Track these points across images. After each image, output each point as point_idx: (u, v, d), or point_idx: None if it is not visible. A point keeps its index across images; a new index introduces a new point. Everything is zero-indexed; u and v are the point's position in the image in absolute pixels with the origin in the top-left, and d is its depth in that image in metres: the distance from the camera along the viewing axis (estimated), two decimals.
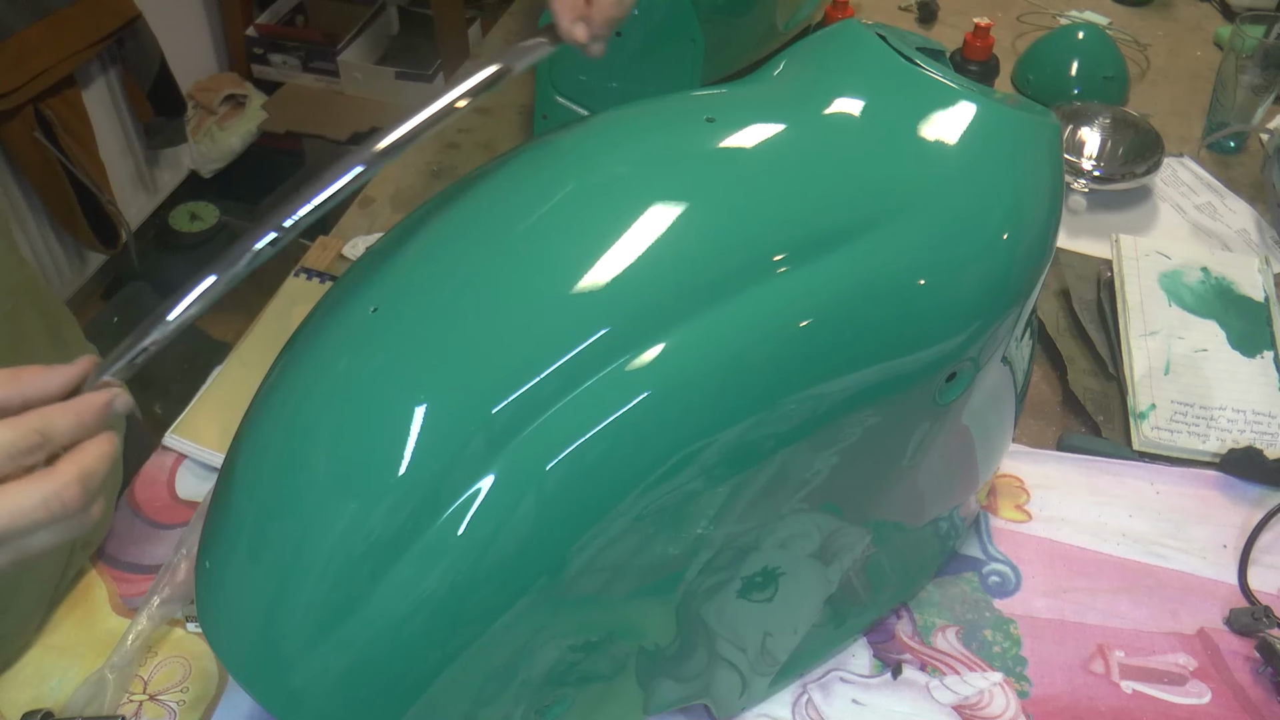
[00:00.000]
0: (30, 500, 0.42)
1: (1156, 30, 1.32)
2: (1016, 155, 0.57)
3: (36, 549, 0.44)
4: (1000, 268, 0.56)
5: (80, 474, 0.43)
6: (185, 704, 0.66)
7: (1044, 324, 0.91)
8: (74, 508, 0.43)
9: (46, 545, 0.44)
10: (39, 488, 0.42)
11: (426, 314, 0.49)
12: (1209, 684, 0.68)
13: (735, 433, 0.49)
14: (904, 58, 0.58)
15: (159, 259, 2.19)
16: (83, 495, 0.43)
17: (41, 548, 0.44)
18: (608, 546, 0.49)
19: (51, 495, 0.42)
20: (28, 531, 0.42)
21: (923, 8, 1.32)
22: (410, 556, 0.46)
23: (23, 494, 0.42)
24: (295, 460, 0.48)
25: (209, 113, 2.32)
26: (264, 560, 0.48)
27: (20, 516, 0.42)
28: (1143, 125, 1.06)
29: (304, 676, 0.48)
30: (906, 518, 0.64)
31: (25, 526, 0.42)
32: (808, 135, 0.55)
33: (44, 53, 1.74)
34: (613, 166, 0.52)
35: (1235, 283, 0.92)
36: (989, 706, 0.67)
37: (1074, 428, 0.84)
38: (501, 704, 0.53)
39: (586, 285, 0.48)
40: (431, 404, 0.47)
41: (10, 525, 0.42)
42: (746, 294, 0.49)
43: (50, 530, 0.43)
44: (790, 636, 0.64)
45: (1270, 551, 0.75)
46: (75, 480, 0.43)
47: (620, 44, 1.04)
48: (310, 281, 0.94)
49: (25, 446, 0.42)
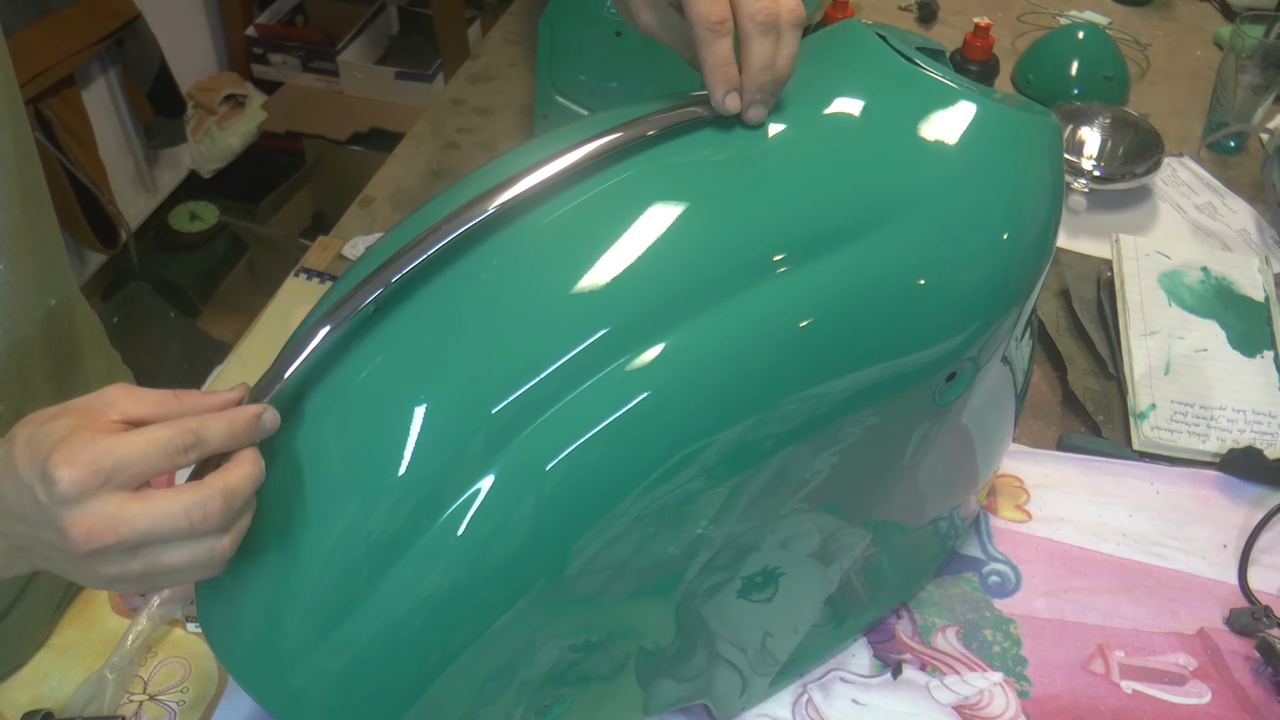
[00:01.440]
0: (173, 506, 0.42)
1: (1156, 30, 1.32)
2: (1016, 155, 0.57)
3: (167, 568, 0.44)
4: (1000, 268, 0.56)
5: (225, 489, 0.44)
6: (185, 704, 0.66)
7: (1044, 324, 0.91)
8: (214, 522, 0.43)
9: (178, 565, 0.44)
10: (183, 495, 0.43)
11: (426, 313, 0.49)
12: (1209, 684, 0.68)
13: (735, 433, 0.49)
14: (904, 58, 0.58)
15: (159, 259, 2.19)
16: (224, 511, 0.43)
17: (174, 566, 0.44)
18: (608, 546, 0.49)
19: (194, 504, 0.43)
20: (165, 538, 0.43)
21: (923, 8, 1.32)
22: (410, 556, 0.46)
23: (167, 499, 0.43)
24: (294, 460, 0.48)
25: (209, 113, 2.32)
26: (264, 561, 0.48)
27: (162, 519, 0.42)
28: (1143, 125, 1.06)
29: (304, 677, 0.48)
30: (906, 518, 0.64)
31: (164, 532, 0.42)
32: (807, 135, 0.55)
33: (44, 53, 1.74)
34: (612, 167, 0.52)
35: (1235, 283, 0.92)
36: (989, 706, 0.67)
37: (1074, 428, 0.84)
38: (501, 704, 0.53)
39: (586, 285, 0.48)
40: (431, 404, 0.47)
41: (151, 528, 0.42)
42: (746, 294, 0.49)
43: (186, 547, 0.43)
44: (790, 636, 0.64)
45: (1270, 551, 0.75)
46: (219, 494, 0.43)
47: (620, 44, 1.04)
48: (310, 281, 0.94)
49: (180, 445, 0.43)
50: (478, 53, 1.28)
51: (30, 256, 0.66)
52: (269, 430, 0.47)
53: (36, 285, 0.67)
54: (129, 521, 0.42)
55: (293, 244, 2.21)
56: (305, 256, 0.98)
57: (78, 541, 0.42)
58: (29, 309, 0.66)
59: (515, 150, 0.57)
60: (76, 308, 0.75)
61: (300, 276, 0.95)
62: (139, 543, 0.43)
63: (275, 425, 0.47)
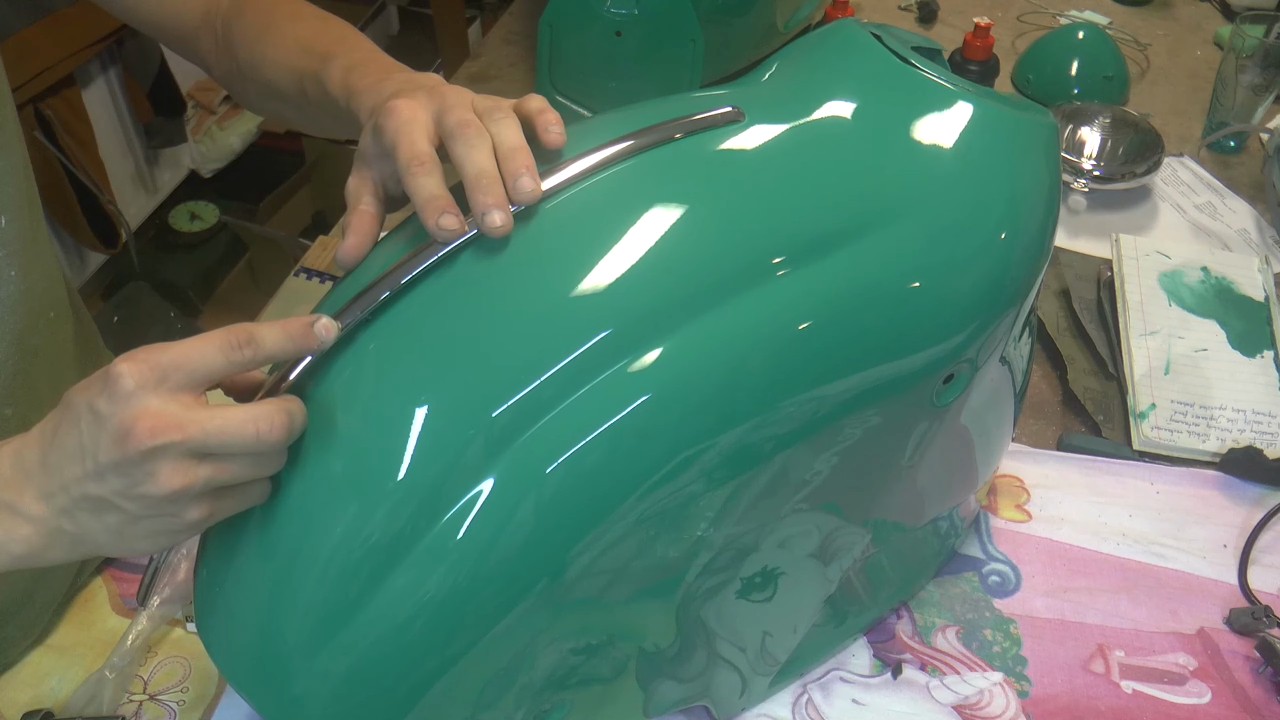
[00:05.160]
0: (239, 413, 0.44)
1: (1156, 30, 1.32)
2: (1013, 155, 0.57)
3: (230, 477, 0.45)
4: (998, 268, 0.56)
5: (285, 407, 0.46)
6: (185, 704, 0.66)
7: (1044, 324, 0.91)
8: (277, 435, 0.45)
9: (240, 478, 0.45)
10: (249, 408, 0.45)
11: (426, 316, 0.49)
12: (1209, 684, 0.68)
13: (735, 435, 0.49)
14: (899, 58, 0.57)
15: (159, 259, 2.19)
16: (286, 425, 0.45)
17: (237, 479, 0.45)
18: (608, 549, 0.49)
19: (261, 414, 0.44)
20: (231, 445, 0.44)
21: (923, 7, 1.32)
22: (410, 560, 0.46)
23: (233, 409, 0.44)
24: (293, 464, 0.48)
25: (209, 112, 2.32)
26: (262, 566, 0.48)
27: (230, 423, 0.44)
28: (1143, 125, 1.06)
29: (304, 682, 0.48)
30: (906, 518, 0.64)
31: (230, 437, 0.44)
32: (804, 138, 0.55)
33: (44, 53, 1.74)
34: (611, 171, 0.52)
35: (1235, 282, 0.92)
36: (989, 706, 0.67)
37: (1074, 428, 0.84)
38: (502, 708, 0.53)
39: (586, 289, 0.48)
40: (431, 407, 0.47)
41: (219, 429, 0.44)
42: (745, 297, 0.49)
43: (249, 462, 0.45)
44: (790, 636, 0.64)
45: (1270, 551, 0.75)
46: (280, 410, 0.45)
47: (620, 44, 1.04)
48: (310, 281, 0.94)
49: (235, 341, 0.45)
50: (478, 53, 1.29)
51: (36, 265, 0.66)
52: (325, 340, 0.47)
53: (41, 293, 0.67)
54: (196, 422, 0.43)
55: (293, 244, 2.21)
56: (305, 256, 0.98)
57: (141, 435, 0.42)
58: (35, 316, 0.66)
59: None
60: (76, 314, 0.75)
61: (300, 276, 0.95)
62: (203, 445, 0.43)
63: (331, 335, 0.48)
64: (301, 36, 0.67)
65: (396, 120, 0.52)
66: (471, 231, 0.49)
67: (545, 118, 0.53)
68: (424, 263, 0.49)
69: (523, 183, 0.49)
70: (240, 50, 0.70)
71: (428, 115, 0.53)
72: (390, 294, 0.49)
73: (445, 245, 0.49)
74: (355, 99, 0.59)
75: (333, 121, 0.64)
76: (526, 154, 0.51)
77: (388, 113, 0.52)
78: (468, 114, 0.52)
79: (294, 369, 0.48)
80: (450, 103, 0.53)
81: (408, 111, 0.52)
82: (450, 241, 0.49)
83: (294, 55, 0.66)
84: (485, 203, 0.49)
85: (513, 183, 0.49)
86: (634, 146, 0.52)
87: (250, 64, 0.69)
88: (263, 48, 0.68)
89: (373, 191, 0.55)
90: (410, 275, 0.49)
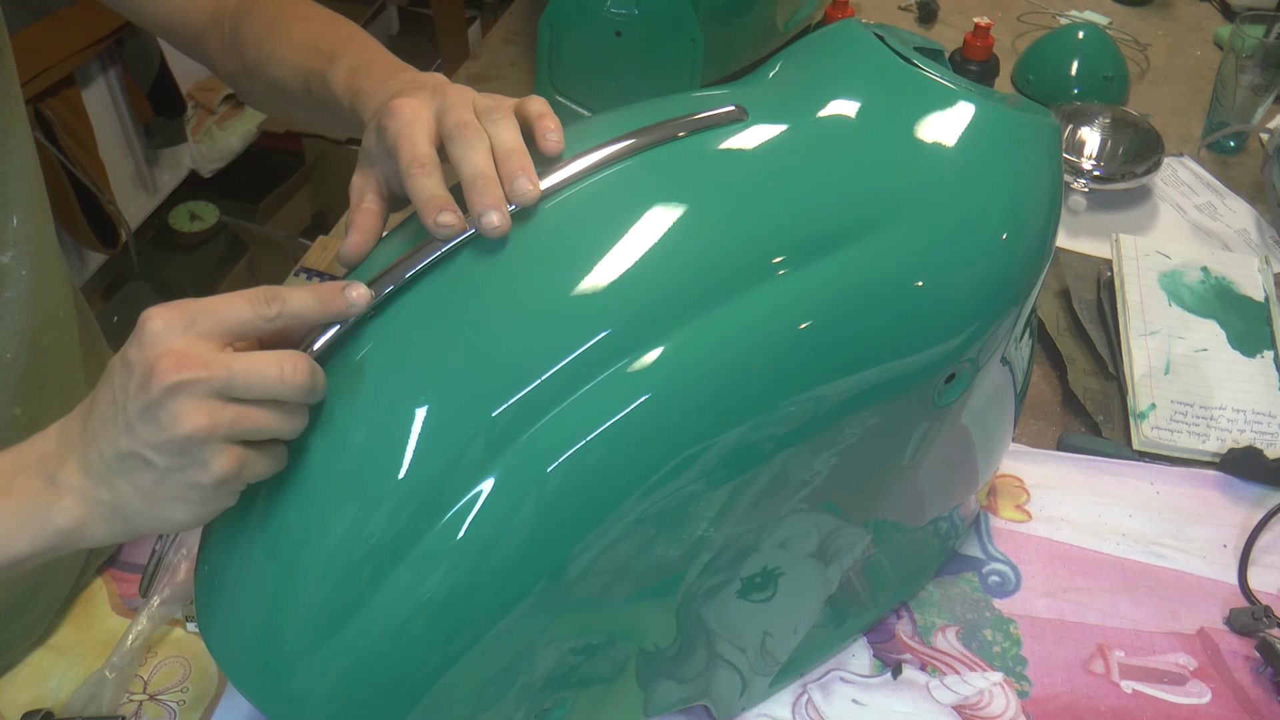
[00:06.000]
0: (265, 357, 0.45)
1: (1156, 30, 1.32)
2: (1015, 155, 0.57)
3: (255, 424, 0.45)
4: (999, 268, 0.56)
5: (307, 356, 0.46)
6: (185, 704, 0.67)
7: (1044, 324, 0.91)
8: (301, 378, 0.45)
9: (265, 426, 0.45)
10: (273, 354, 0.45)
11: (426, 315, 0.49)
12: (1209, 684, 0.68)
13: (735, 435, 0.49)
14: (902, 58, 0.58)
15: (159, 259, 2.19)
16: (311, 372, 0.46)
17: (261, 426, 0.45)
18: (608, 549, 0.49)
19: (285, 357, 0.45)
20: (257, 388, 0.44)
21: (923, 7, 1.32)
22: (410, 560, 0.46)
23: (258, 354, 0.45)
24: (294, 463, 0.48)
25: (209, 113, 2.32)
26: (263, 564, 0.48)
27: (254, 364, 0.44)
28: (1143, 125, 1.06)
29: (304, 681, 0.48)
30: (906, 518, 0.64)
31: (255, 379, 0.44)
32: (805, 137, 0.55)
33: (44, 53, 1.74)
34: (612, 170, 0.52)
35: (1235, 283, 0.92)
36: (989, 706, 0.67)
37: (1074, 428, 0.84)
38: (502, 707, 0.53)
39: (586, 288, 0.48)
40: (431, 407, 0.47)
41: (244, 369, 0.44)
42: (746, 296, 0.49)
43: (274, 410, 0.45)
44: (790, 636, 0.64)
45: (1270, 551, 0.75)
46: (304, 356, 0.46)
47: (620, 44, 1.04)
48: (310, 281, 0.94)
49: (263, 297, 0.46)
50: (478, 53, 1.29)
51: (46, 264, 0.66)
52: (357, 305, 0.48)
53: (51, 292, 0.67)
54: (220, 361, 0.44)
55: (293, 244, 2.21)
56: (305, 256, 0.98)
57: (166, 370, 0.43)
58: (46, 315, 0.66)
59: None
60: (81, 313, 0.76)
61: (300, 276, 0.95)
62: (227, 383, 0.44)
63: (364, 302, 0.48)
64: (308, 36, 0.67)
65: (398, 121, 0.52)
66: (471, 229, 0.49)
67: (545, 124, 0.53)
68: (425, 259, 0.49)
69: (519, 184, 0.50)
70: (247, 49, 0.70)
71: (429, 115, 0.53)
72: (391, 292, 0.49)
73: (446, 243, 0.49)
74: (360, 98, 0.59)
75: (338, 120, 0.64)
76: (524, 155, 0.51)
77: (390, 113, 0.53)
78: (467, 115, 0.52)
79: (320, 337, 0.48)
80: (451, 103, 0.53)
81: (409, 112, 0.52)
82: (450, 239, 0.49)
83: (300, 54, 0.66)
84: (482, 203, 0.49)
85: (510, 184, 0.50)
86: (636, 145, 0.52)
87: (257, 63, 0.69)
88: (269, 47, 0.68)
89: (376, 190, 0.55)
90: (412, 271, 0.49)
